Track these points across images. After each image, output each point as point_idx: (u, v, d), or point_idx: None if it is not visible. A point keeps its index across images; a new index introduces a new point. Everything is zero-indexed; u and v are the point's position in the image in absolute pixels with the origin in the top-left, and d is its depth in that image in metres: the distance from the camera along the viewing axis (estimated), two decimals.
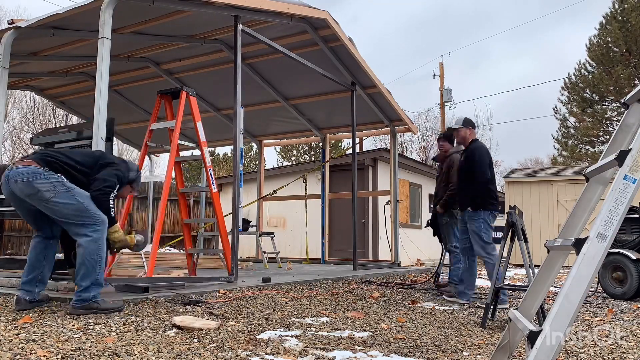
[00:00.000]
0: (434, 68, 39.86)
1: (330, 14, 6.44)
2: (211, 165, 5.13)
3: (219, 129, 9.49)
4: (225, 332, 2.88)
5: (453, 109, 39.86)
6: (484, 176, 4.67)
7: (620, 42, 22.38)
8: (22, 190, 3.23)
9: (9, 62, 4.83)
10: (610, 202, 1.48)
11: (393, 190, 8.79)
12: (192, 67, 7.71)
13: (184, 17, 5.62)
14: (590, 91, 24.15)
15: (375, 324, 3.40)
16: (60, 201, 3.22)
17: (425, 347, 2.76)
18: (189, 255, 5.27)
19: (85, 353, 2.28)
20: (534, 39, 60.41)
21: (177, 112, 4.83)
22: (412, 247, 11.45)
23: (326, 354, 2.49)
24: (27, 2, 33.62)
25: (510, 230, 3.81)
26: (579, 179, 11.63)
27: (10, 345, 2.36)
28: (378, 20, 62.32)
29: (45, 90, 8.78)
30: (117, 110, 8.00)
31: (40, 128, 21.32)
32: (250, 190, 11.89)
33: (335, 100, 8.42)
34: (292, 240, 11.91)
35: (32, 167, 3.26)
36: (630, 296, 5.36)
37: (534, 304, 1.84)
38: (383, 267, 8.00)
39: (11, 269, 5.17)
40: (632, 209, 5.76)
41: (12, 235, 10.52)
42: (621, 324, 3.81)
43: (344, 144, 27.88)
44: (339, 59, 7.26)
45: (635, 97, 1.71)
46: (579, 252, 1.46)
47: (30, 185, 3.20)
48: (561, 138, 26.00)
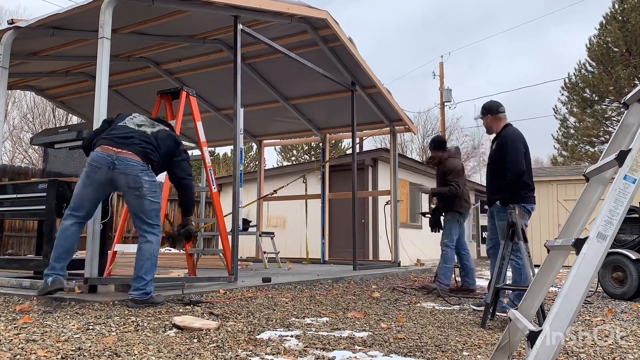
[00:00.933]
0: (434, 68, 39.85)
1: (330, 14, 6.44)
2: (211, 165, 5.13)
3: (219, 129, 9.49)
4: (225, 332, 2.88)
5: (453, 109, 39.87)
6: (517, 167, 4.01)
7: (620, 42, 22.40)
8: (127, 181, 3.45)
9: (9, 62, 4.83)
10: (610, 202, 1.48)
11: (393, 190, 8.79)
12: (192, 67, 7.71)
13: (184, 17, 5.61)
14: (590, 91, 24.17)
15: (375, 324, 3.40)
16: (151, 199, 3.51)
17: (425, 347, 2.76)
18: (189, 255, 5.27)
19: (85, 353, 2.28)
20: (534, 39, 60.44)
21: (177, 112, 4.83)
22: (412, 247, 11.44)
23: (326, 354, 2.49)
24: (27, 2, 33.66)
25: (510, 230, 3.80)
26: (579, 179, 11.63)
27: (10, 345, 2.36)
28: (379, 20, 62.32)
29: (45, 90, 8.78)
30: (117, 110, 7.91)
31: (40, 128, 21.32)
32: (250, 190, 11.89)
33: (335, 100, 8.42)
34: (292, 240, 11.90)
35: (138, 161, 3.50)
36: (630, 296, 5.36)
37: (534, 304, 1.84)
38: (383, 267, 8.00)
39: (11, 269, 5.17)
40: (632, 209, 5.76)
41: (12, 235, 10.51)
42: (621, 324, 3.81)
43: (344, 144, 27.89)
44: (339, 59, 7.26)
45: (635, 97, 1.71)
46: (579, 252, 1.46)
47: (138, 180, 3.46)
48: (561, 138, 26.02)
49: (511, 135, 4.16)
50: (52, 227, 4.39)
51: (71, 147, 5.04)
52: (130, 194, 3.52)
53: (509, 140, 4.14)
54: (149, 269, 3.49)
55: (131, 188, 3.48)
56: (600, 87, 23.21)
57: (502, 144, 4.20)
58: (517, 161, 4.04)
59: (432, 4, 71.01)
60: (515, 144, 4.10)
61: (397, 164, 9.00)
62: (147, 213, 3.53)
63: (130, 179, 3.47)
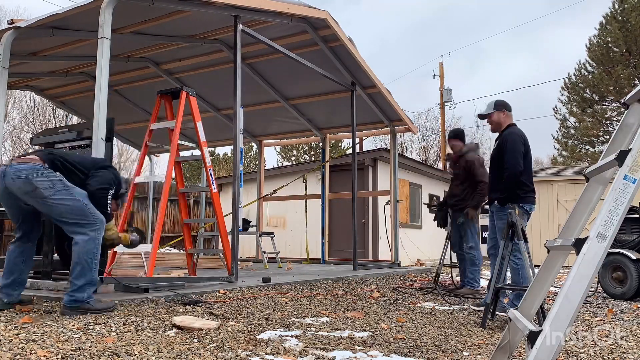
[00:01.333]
0: (434, 68, 39.86)
1: (330, 14, 6.44)
2: (211, 165, 5.13)
3: (219, 129, 9.49)
4: (225, 332, 2.88)
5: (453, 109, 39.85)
6: (515, 167, 4.02)
7: (620, 42, 22.41)
8: (19, 187, 3.19)
9: (9, 62, 4.82)
10: (610, 202, 1.48)
11: (393, 190, 8.79)
12: (192, 67, 7.71)
13: (184, 17, 5.61)
14: (590, 91, 24.17)
15: (375, 324, 3.40)
16: (59, 199, 3.19)
17: (425, 347, 2.76)
18: (189, 255, 5.27)
19: (85, 353, 2.28)
20: (534, 38, 60.39)
21: (177, 112, 4.83)
22: (412, 247, 11.45)
23: (326, 354, 2.49)
24: (27, 2, 33.65)
25: (510, 230, 3.81)
26: (579, 179, 11.63)
27: (10, 345, 2.36)
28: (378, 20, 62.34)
29: (45, 90, 8.78)
30: (117, 110, 8.00)
31: (40, 128, 21.33)
32: (250, 190, 11.89)
33: (335, 100, 8.42)
34: (292, 240, 11.90)
35: (32, 164, 3.23)
36: (630, 296, 5.37)
37: (534, 304, 1.84)
38: (383, 267, 8.00)
39: None
40: (632, 209, 5.76)
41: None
42: (621, 324, 3.81)
43: (344, 144, 27.90)
44: (339, 59, 7.26)
45: (635, 97, 1.71)
46: (579, 252, 1.46)
47: (29, 183, 3.16)
48: (561, 138, 26.03)
49: (512, 135, 4.17)
50: (52, 227, 4.39)
51: (71, 147, 5.04)
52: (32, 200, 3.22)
53: (509, 140, 4.14)
54: (79, 273, 3.19)
55: (26, 193, 3.19)
56: (600, 87, 23.21)
57: (502, 143, 4.21)
58: (515, 161, 4.04)
59: (432, 4, 71.03)
60: (515, 144, 4.10)
61: (397, 164, 8.99)
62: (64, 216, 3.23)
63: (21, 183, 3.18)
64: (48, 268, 4.20)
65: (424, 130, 29.87)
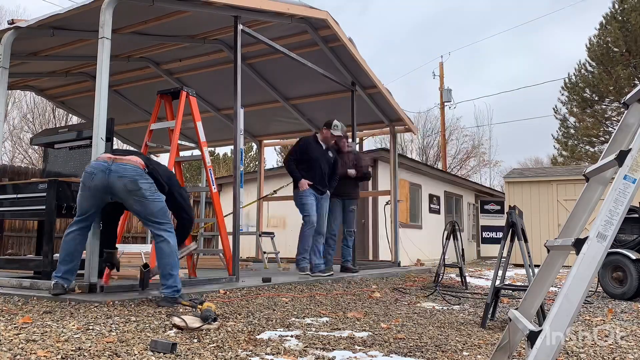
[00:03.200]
0: (434, 68, 39.83)
1: (330, 14, 6.44)
2: (211, 165, 5.13)
3: (219, 129, 9.48)
4: (225, 332, 2.88)
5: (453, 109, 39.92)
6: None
7: (620, 42, 22.41)
8: (125, 185, 3.51)
9: (9, 62, 4.82)
10: (610, 202, 1.48)
11: (393, 190, 8.79)
12: (192, 67, 7.71)
13: (184, 18, 5.61)
14: (590, 91, 24.17)
15: (375, 324, 3.40)
16: (153, 199, 3.59)
17: (425, 347, 2.76)
18: (189, 255, 5.26)
19: (85, 353, 2.28)
20: (533, 38, 60.43)
21: (177, 112, 4.82)
22: (412, 247, 11.45)
23: (326, 354, 2.49)
24: (27, 2, 33.68)
25: (510, 230, 3.81)
26: (579, 179, 11.63)
27: (10, 345, 2.36)
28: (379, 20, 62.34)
29: (45, 90, 8.77)
30: (117, 110, 8.00)
31: (40, 128, 21.33)
32: (250, 190, 11.88)
33: (335, 101, 8.42)
34: (292, 240, 11.87)
35: (136, 166, 3.58)
36: (630, 296, 5.37)
37: (534, 304, 1.84)
38: (383, 267, 7.99)
39: (11, 269, 5.17)
40: (632, 209, 5.76)
41: (12, 235, 10.51)
42: (621, 324, 3.81)
43: None
44: (339, 59, 7.26)
45: (635, 97, 1.70)
46: (579, 252, 1.46)
47: (135, 183, 3.52)
48: (561, 138, 26.03)
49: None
50: (52, 227, 4.39)
51: (71, 147, 5.04)
52: (130, 198, 3.57)
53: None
54: (175, 264, 3.62)
55: (129, 192, 3.53)
56: (600, 87, 23.20)
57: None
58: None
59: (432, 3, 71.05)
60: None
61: (397, 164, 8.99)
62: (155, 215, 3.62)
63: (128, 182, 3.52)
64: (48, 268, 4.20)
65: (424, 130, 29.90)
